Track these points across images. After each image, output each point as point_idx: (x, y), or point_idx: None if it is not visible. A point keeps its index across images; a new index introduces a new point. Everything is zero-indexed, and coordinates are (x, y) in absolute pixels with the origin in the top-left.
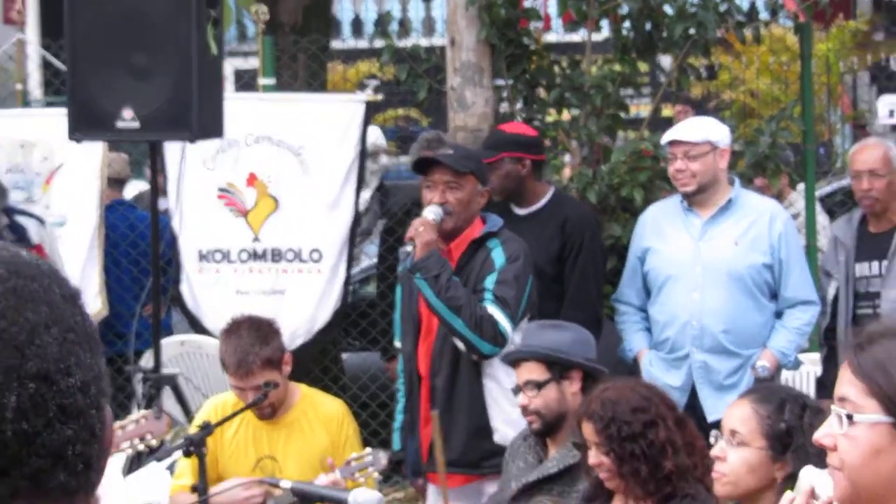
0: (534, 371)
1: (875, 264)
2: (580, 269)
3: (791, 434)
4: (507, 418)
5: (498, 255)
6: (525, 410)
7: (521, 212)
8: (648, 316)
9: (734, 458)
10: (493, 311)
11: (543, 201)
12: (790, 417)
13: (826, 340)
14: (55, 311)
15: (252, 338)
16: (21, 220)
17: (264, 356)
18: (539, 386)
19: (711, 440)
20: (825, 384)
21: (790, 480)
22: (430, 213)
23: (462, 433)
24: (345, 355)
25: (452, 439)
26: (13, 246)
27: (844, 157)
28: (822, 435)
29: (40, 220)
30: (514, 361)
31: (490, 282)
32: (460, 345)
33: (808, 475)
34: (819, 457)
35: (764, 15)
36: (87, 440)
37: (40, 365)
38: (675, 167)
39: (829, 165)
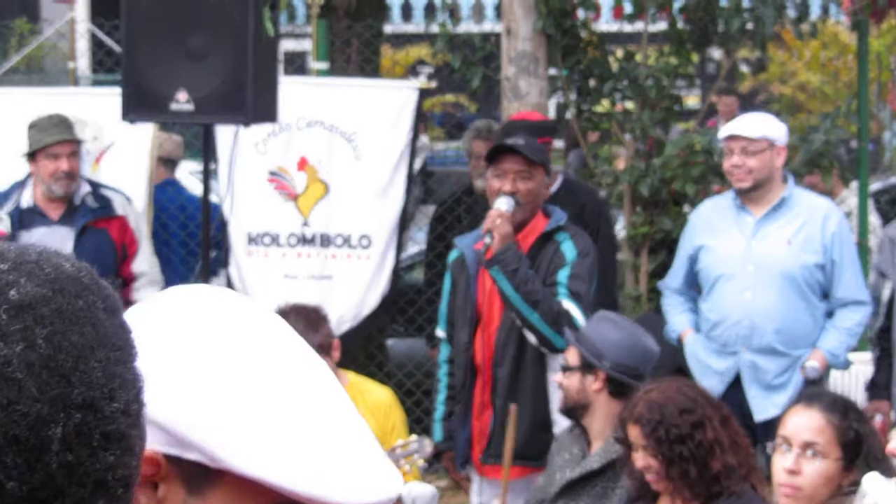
0: (571, 354)
1: None
2: (600, 254)
3: (860, 441)
4: None
5: (569, 249)
6: (559, 385)
7: None
8: (694, 301)
9: (811, 470)
10: (569, 305)
11: (554, 187)
12: (857, 424)
13: (879, 341)
14: (100, 331)
15: (301, 325)
16: (106, 192)
17: (315, 343)
18: (567, 369)
19: (768, 451)
20: (877, 385)
21: (853, 487)
22: (503, 203)
23: (524, 425)
24: (390, 341)
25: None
26: (55, 256)
27: (893, 154)
28: None
29: (127, 197)
30: None
31: (563, 276)
32: (532, 338)
33: (872, 483)
34: (885, 461)
35: (816, 11)
36: (128, 463)
37: (86, 393)
38: (731, 162)
39: (877, 162)
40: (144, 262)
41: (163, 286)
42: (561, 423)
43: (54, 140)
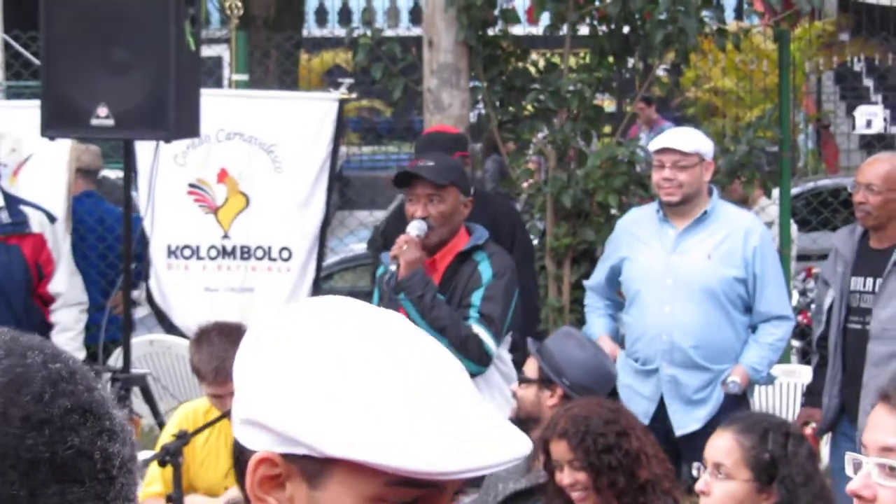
0: (530, 366)
1: (870, 280)
2: (518, 263)
3: (776, 464)
4: None
5: (485, 270)
6: (513, 395)
7: None
8: (615, 305)
9: (719, 491)
10: (479, 330)
11: None
12: (774, 447)
13: (819, 349)
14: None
15: (225, 343)
16: (25, 208)
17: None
18: (524, 381)
19: (694, 472)
20: (811, 392)
21: None
22: (414, 228)
23: None
24: None
25: None
26: (24, 346)
27: (808, 158)
28: (859, 486)
29: (50, 217)
30: None
31: (477, 298)
32: None
33: None
34: (805, 486)
35: (730, 14)
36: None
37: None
38: (662, 175)
39: (793, 167)
40: (61, 282)
41: (84, 308)
42: None
43: None
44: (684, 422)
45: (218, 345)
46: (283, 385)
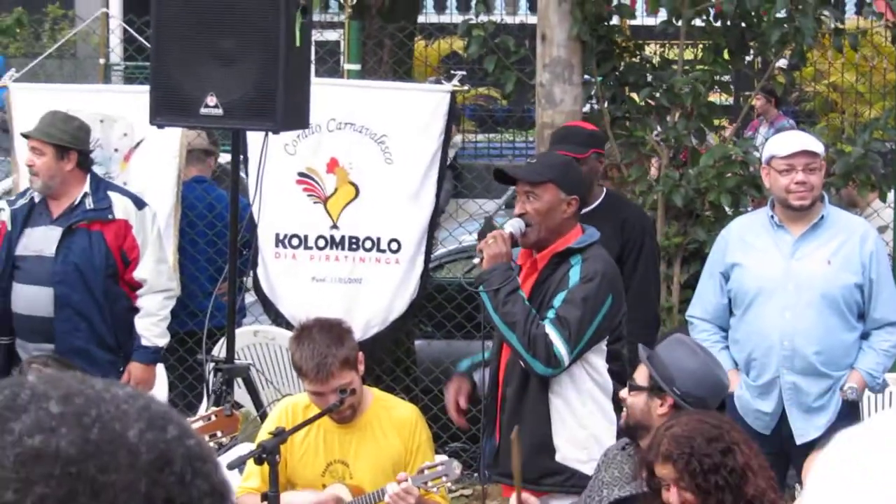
0: (640, 373)
1: None
2: (641, 271)
3: None
4: (570, 437)
5: (574, 273)
6: (622, 401)
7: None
8: (726, 334)
9: None
10: (550, 331)
11: (598, 200)
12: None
13: None
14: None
15: (326, 339)
16: (112, 194)
17: (342, 356)
18: (634, 388)
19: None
20: None
21: None
22: (510, 225)
23: (524, 448)
24: (417, 344)
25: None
26: (132, 417)
27: None
28: None
29: (138, 202)
30: None
31: (558, 300)
32: (521, 361)
33: None
34: None
35: (851, 9)
36: None
37: None
38: (794, 179)
39: None
40: (146, 269)
41: (170, 294)
42: (565, 450)
43: (26, 133)
44: (805, 430)
45: (319, 342)
46: None
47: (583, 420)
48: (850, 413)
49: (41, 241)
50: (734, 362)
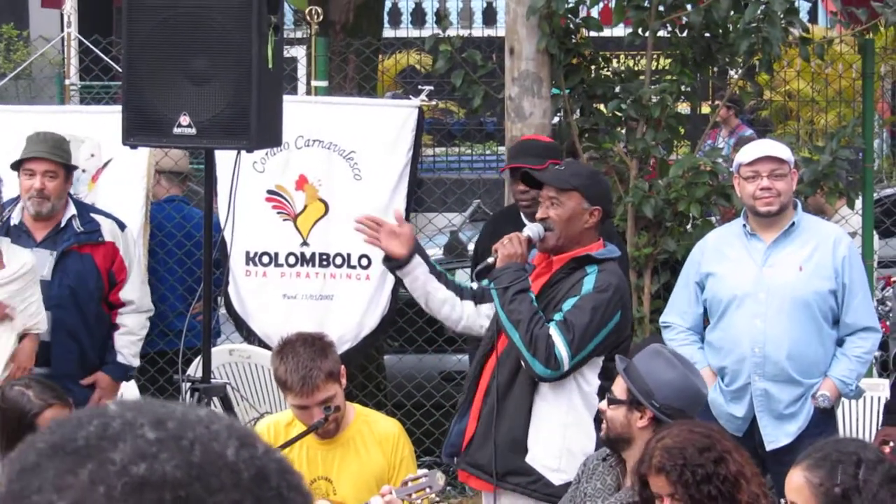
0: (618, 386)
1: None
2: None
3: (848, 496)
4: (545, 442)
5: (588, 282)
6: (601, 413)
7: None
8: (700, 337)
9: None
10: (554, 332)
11: None
12: (844, 478)
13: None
14: None
15: (310, 352)
16: (96, 216)
17: (326, 369)
18: (613, 402)
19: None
20: (892, 410)
21: None
22: (528, 229)
23: (498, 441)
24: (388, 359)
25: (488, 444)
26: (228, 438)
27: (883, 163)
28: None
29: (119, 223)
30: None
31: (568, 304)
32: (522, 360)
33: None
34: None
35: (803, 16)
36: None
37: None
38: (759, 185)
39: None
40: (133, 290)
41: (150, 315)
42: (535, 453)
43: (30, 156)
44: (775, 436)
45: (303, 355)
46: None
47: (561, 429)
48: (822, 420)
49: None
50: (707, 361)
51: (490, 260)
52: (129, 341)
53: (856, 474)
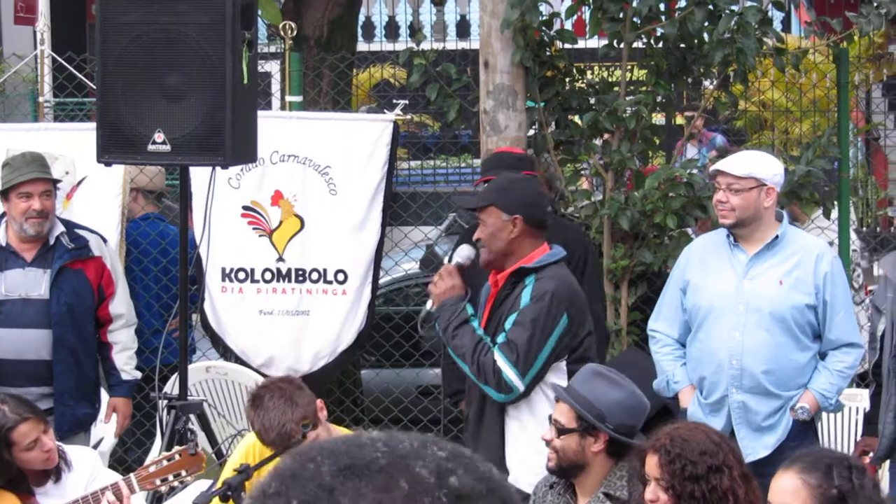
0: (564, 414)
1: None
2: (587, 289)
3: (844, 498)
4: (524, 460)
5: (525, 295)
6: (547, 443)
7: None
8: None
9: None
10: (499, 357)
11: None
12: (840, 481)
13: (874, 377)
14: None
15: (281, 406)
16: (81, 232)
17: (298, 418)
18: (562, 431)
19: None
20: (870, 420)
21: None
22: (458, 255)
23: None
24: (365, 374)
25: None
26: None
27: (857, 171)
28: None
29: (102, 238)
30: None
31: (509, 322)
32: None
33: None
34: None
35: (776, 25)
36: None
37: None
38: (716, 198)
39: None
40: (122, 304)
41: (135, 328)
42: (517, 474)
43: (26, 178)
44: (753, 448)
45: (273, 410)
46: None
47: (537, 444)
48: (801, 432)
49: (22, 283)
50: (690, 379)
51: (427, 307)
52: (127, 357)
53: (850, 477)
